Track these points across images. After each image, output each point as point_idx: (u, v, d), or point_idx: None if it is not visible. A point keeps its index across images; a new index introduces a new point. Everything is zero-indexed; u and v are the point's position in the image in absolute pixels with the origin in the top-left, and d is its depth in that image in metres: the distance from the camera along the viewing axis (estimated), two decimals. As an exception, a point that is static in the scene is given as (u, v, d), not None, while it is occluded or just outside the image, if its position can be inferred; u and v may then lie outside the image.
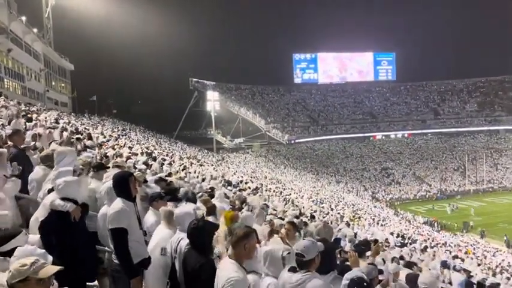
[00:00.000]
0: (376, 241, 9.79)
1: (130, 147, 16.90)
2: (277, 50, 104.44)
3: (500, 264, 21.73)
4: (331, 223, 14.14)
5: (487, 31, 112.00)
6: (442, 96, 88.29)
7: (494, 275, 15.84)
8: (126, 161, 8.93)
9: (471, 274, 12.15)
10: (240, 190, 14.79)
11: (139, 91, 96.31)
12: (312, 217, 14.87)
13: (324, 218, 16.08)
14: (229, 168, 37.80)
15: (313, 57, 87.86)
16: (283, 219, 8.65)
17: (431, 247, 21.45)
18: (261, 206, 9.79)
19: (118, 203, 4.05)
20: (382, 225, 27.58)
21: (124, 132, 31.66)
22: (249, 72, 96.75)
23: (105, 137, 18.57)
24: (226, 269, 3.26)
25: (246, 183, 20.50)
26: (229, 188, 14.60)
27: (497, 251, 29.03)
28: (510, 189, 60.18)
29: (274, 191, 25.32)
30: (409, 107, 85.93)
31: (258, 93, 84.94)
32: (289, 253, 3.58)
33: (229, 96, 78.31)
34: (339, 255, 6.30)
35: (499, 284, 8.97)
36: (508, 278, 16.42)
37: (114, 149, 13.18)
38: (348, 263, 5.45)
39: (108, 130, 27.30)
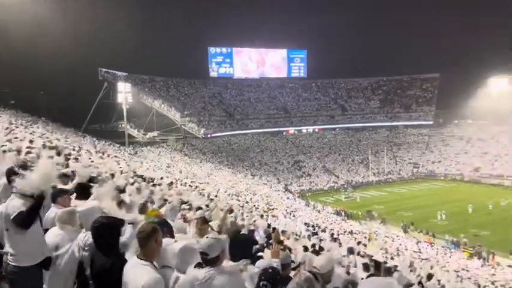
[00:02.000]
0: (274, 229, 10.16)
1: (31, 141, 15.47)
2: (193, 43, 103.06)
3: (398, 248, 23.85)
4: (246, 215, 14.32)
5: (390, 34, 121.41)
6: (349, 93, 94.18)
7: (392, 258, 17.34)
8: (26, 155, 8.14)
9: (373, 258, 13.15)
10: (153, 185, 14.33)
11: (43, 81, 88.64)
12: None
13: (239, 210, 16.26)
14: (142, 163, 36.54)
15: (228, 52, 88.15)
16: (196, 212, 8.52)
17: (339, 235, 22.82)
18: (176, 201, 9.57)
19: (17, 200, 3.76)
20: (294, 215, 28.67)
21: (25, 125, 28.92)
22: (164, 65, 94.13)
23: None
24: (138, 273, 3.09)
25: (161, 178, 19.95)
26: (143, 183, 14.05)
27: (396, 237, 31.89)
28: (407, 180, 66.34)
29: (189, 185, 24.99)
30: (319, 103, 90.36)
31: (173, 86, 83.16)
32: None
33: (143, 88, 75.57)
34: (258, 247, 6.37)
35: (396, 266, 9.90)
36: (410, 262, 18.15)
37: (12, 142, 11.94)
38: (261, 253, 5.54)
39: (5, 122, 24.73)
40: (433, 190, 57.94)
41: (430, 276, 12.95)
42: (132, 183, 9.95)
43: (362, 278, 5.68)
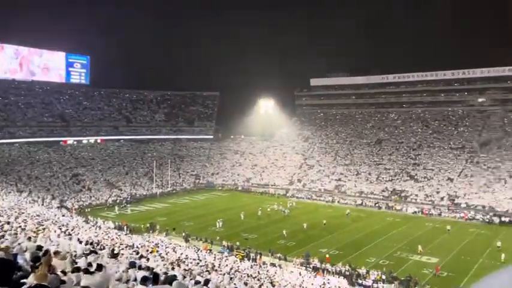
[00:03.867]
0: (46, 252, 9.11)
1: None
2: None
3: (179, 257, 24.44)
4: (6, 237, 12.16)
5: (177, 51, 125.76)
6: (134, 104, 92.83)
7: (173, 268, 17.65)
8: None
9: (154, 270, 13.06)
10: None
11: None
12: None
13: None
14: None
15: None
16: None
17: (120, 250, 21.86)
18: None
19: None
20: (70, 234, 26.06)
21: None
22: None
23: None
24: None
25: None
26: None
27: (179, 247, 32.67)
28: (189, 191, 69.32)
29: None
30: (102, 112, 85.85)
31: None
32: None
33: None
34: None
35: (175, 276, 10.11)
36: (185, 270, 18.71)
37: None
38: (25, 280, 4.82)
39: None
40: (212, 200, 62.25)
41: (206, 282, 13.69)
42: None
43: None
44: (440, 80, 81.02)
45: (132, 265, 13.80)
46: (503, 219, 47.55)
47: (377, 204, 57.13)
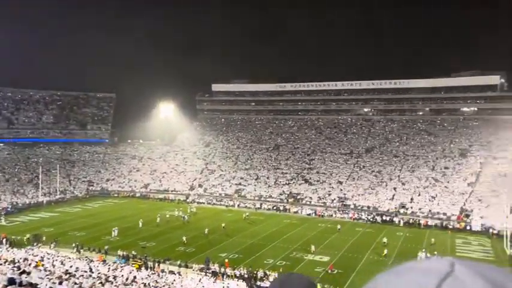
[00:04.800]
0: None
1: None
2: None
3: (67, 270, 22.52)
4: None
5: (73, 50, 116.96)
6: (18, 105, 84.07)
7: (60, 282, 16.19)
8: None
9: (38, 287, 11.90)
10: None
11: None
12: None
13: None
14: None
15: None
16: None
17: (-3, 267, 19.42)
18: None
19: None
20: None
21: None
22: None
23: None
24: None
25: None
26: None
27: (68, 259, 30.10)
28: (81, 198, 64.56)
29: None
30: (-22, 112, 76.22)
31: None
32: None
33: None
34: None
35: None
36: (75, 283, 17.29)
37: None
38: None
39: None
40: (107, 207, 58.77)
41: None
42: None
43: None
44: (332, 90, 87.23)
45: (11, 282, 12.46)
46: (384, 218, 52.57)
47: (275, 207, 59.23)
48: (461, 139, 69.66)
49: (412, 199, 56.52)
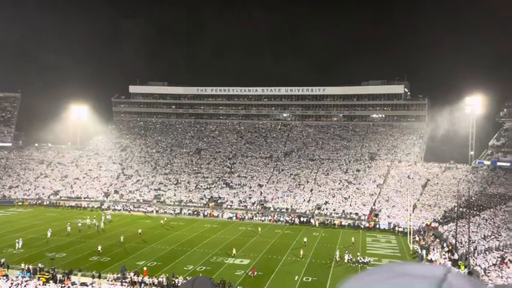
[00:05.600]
0: None
1: None
2: None
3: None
4: None
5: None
6: None
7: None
8: None
9: None
10: None
11: None
12: None
13: None
14: None
15: None
16: None
17: None
18: None
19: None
20: None
21: None
22: None
23: None
24: None
25: None
26: None
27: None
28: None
29: None
30: None
31: None
32: None
33: None
34: None
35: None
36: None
37: None
38: None
39: None
40: (9, 217, 53.54)
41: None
42: None
43: None
44: (253, 95, 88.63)
45: None
46: (302, 219, 54.45)
47: (195, 212, 58.48)
48: (371, 143, 74.72)
49: (327, 201, 59.29)
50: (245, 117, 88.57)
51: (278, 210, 58.15)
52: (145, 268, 32.11)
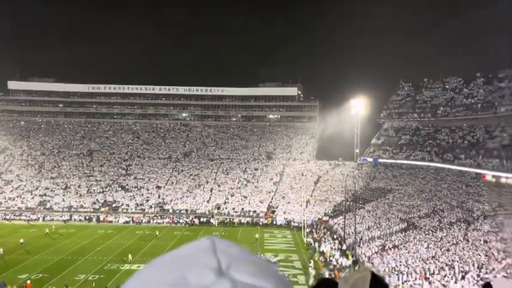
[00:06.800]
0: None
1: None
2: None
3: None
4: None
5: None
6: None
7: None
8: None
9: None
10: None
11: None
12: None
13: None
14: None
15: None
16: None
17: None
18: None
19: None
20: None
21: None
22: None
23: None
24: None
25: None
26: None
27: None
28: None
29: None
30: None
31: None
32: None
33: None
34: None
35: None
36: None
37: None
38: None
39: None
40: None
41: None
42: None
43: None
44: (150, 94, 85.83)
45: None
46: (202, 219, 54.26)
47: (87, 218, 54.78)
48: (268, 143, 77.38)
49: (227, 200, 59.92)
50: (142, 117, 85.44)
51: (177, 211, 57.15)
52: (29, 281, 29.08)
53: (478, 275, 24.96)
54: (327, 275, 30.15)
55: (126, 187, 63.43)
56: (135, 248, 39.59)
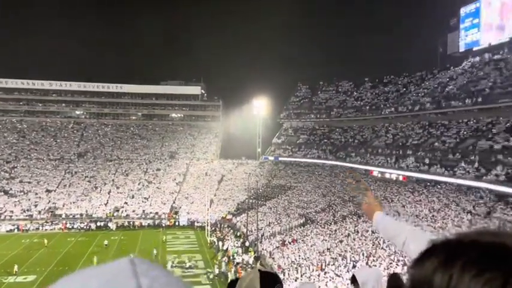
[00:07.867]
0: None
1: None
2: None
3: None
4: None
5: None
6: None
7: None
8: None
9: None
10: None
11: None
12: None
13: None
14: None
15: None
16: None
17: None
18: None
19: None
20: None
21: None
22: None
23: None
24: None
25: None
26: None
27: None
28: None
29: None
30: None
31: None
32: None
33: None
34: None
35: None
36: None
37: None
38: None
39: None
40: None
41: None
42: None
43: None
44: (38, 89, 78.38)
45: None
46: (98, 224, 51.10)
47: (-39, 228, 48.22)
48: (171, 143, 75.65)
49: (126, 202, 57.23)
50: (28, 114, 77.55)
51: (71, 216, 53.05)
52: None
53: (367, 263, 27.21)
54: (232, 273, 30.44)
55: (10, 192, 57.16)
56: (21, 258, 35.88)
